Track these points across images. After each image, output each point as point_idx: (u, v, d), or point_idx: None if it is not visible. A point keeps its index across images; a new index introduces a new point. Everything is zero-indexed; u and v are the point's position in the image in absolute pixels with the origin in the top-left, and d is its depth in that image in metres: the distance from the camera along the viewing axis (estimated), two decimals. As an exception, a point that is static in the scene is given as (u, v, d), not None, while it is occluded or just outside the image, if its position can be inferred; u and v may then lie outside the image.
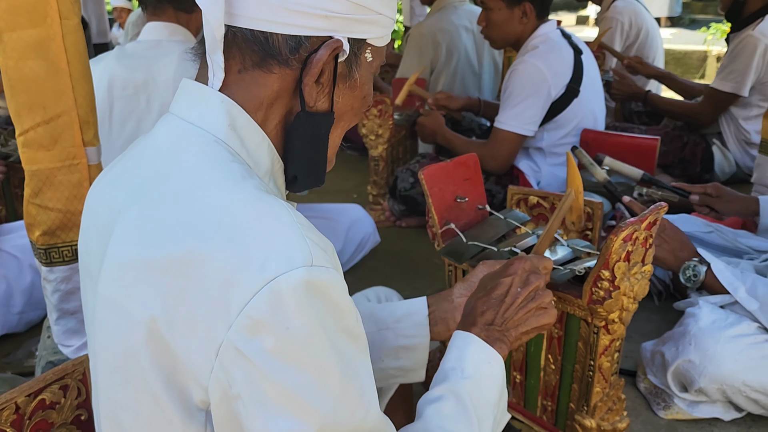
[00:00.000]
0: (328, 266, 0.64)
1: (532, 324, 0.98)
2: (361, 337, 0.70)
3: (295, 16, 0.70)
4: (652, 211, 1.16)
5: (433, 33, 3.07)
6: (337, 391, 0.64)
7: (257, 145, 0.75)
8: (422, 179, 1.41)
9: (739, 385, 1.37)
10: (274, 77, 0.73)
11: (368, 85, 0.81)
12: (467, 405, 0.86)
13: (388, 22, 0.80)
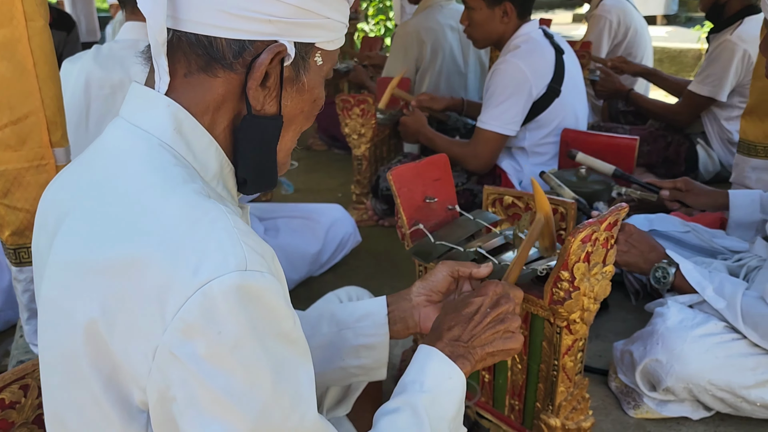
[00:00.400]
0: (263, 271, 0.65)
1: (499, 346, 0.98)
2: (299, 342, 0.71)
3: (238, 21, 0.71)
4: (611, 212, 1.16)
5: (417, 32, 3.08)
6: (268, 395, 0.65)
7: (204, 149, 0.76)
8: (390, 180, 1.42)
9: (705, 384, 1.38)
10: (219, 81, 0.74)
11: (318, 88, 0.81)
12: (422, 418, 0.87)
13: (338, 26, 0.80)
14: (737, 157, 2.13)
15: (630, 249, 1.63)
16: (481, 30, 2.37)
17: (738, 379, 1.37)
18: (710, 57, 2.63)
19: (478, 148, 2.37)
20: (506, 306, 0.99)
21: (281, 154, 0.83)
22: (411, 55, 3.10)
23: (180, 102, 0.74)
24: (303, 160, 3.49)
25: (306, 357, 0.72)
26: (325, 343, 1.19)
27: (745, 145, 2.09)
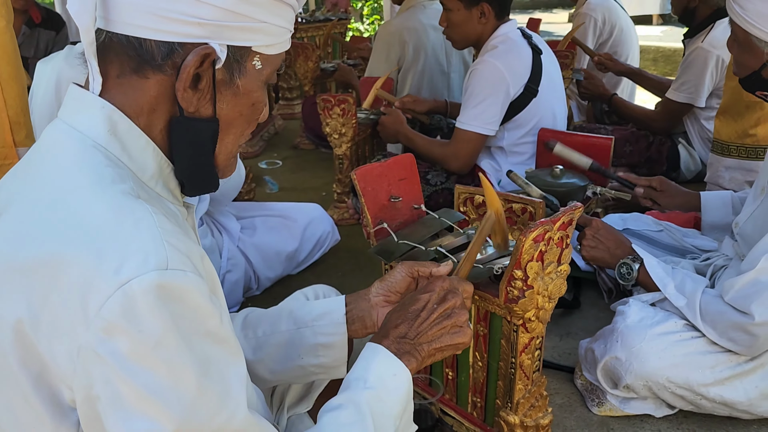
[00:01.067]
0: (186, 270, 0.66)
1: (446, 341, 0.99)
2: (228, 341, 0.72)
3: (167, 23, 0.72)
4: (566, 211, 1.18)
5: (400, 32, 3.09)
6: (194, 392, 0.66)
7: (141, 150, 0.77)
8: (354, 179, 1.43)
9: (664, 381, 1.40)
10: (151, 83, 0.75)
11: (257, 92, 0.82)
12: (365, 414, 0.88)
13: (278, 31, 0.80)
14: (711, 157, 2.14)
15: (597, 244, 1.64)
16: (459, 31, 2.38)
17: (696, 377, 1.39)
18: (685, 64, 2.64)
19: (458, 148, 2.38)
20: (453, 301, 1.00)
21: (221, 157, 0.84)
22: (393, 55, 3.11)
23: (114, 103, 0.75)
24: (289, 159, 3.50)
25: (237, 356, 0.74)
26: (283, 341, 1.20)
27: (719, 144, 2.10)
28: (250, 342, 1.21)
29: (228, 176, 0.90)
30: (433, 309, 0.99)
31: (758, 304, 1.30)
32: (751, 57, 1.40)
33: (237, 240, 1.99)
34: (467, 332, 1.00)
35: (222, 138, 0.82)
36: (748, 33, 1.37)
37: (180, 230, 0.71)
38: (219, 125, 0.80)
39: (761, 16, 1.32)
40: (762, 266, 1.31)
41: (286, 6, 0.81)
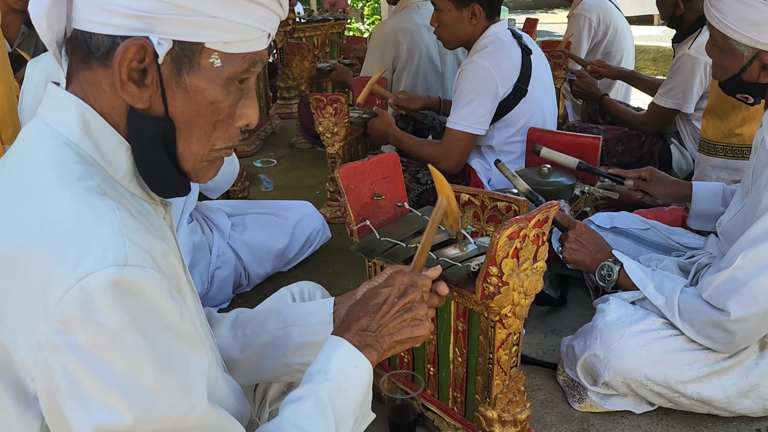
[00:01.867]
0: (145, 266, 0.68)
1: (406, 334, 1.01)
2: (189, 335, 0.74)
3: (108, 16, 0.72)
4: (541, 209, 1.20)
5: (394, 32, 3.10)
6: (151, 385, 0.68)
7: (114, 149, 0.78)
8: (338, 177, 1.45)
9: (642, 378, 1.41)
10: (101, 77, 0.75)
11: (215, 91, 0.78)
12: (325, 405, 0.90)
13: (237, 28, 0.77)
14: (698, 156, 2.15)
15: (579, 248, 1.66)
16: (450, 31, 2.40)
17: (674, 374, 1.40)
18: (673, 70, 2.64)
19: (449, 148, 2.40)
20: (413, 295, 1.02)
21: (187, 159, 0.81)
22: (387, 56, 3.12)
23: (86, 100, 0.77)
24: (285, 158, 3.52)
25: (198, 350, 0.75)
26: (271, 339, 1.23)
27: (706, 144, 2.11)
28: (239, 341, 1.23)
29: (205, 181, 0.89)
30: (393, 303, 1.01)
31: (734, 301, 1.31)
32: (730, 60, 1.41)
33: (227, 237, 2.02)
34: (426, 325, 1.02)
35: (183, 139, 0.80)
36: (727, 37, 1.38)
37: (144, 227, 0.73)
38: (175, 125, 0.78)
39: (740, 19, 1.33)
40: (738, 264, 1.32)
41: (249, 3, 0.78)
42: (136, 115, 0.77)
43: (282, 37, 4.04)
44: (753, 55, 1.36)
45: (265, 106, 3.92)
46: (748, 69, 1.39)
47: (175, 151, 0.81)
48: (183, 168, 0.83)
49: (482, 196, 1.77)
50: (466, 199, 1.79)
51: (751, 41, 1.34)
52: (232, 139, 0.85)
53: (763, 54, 1.35)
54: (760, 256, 1.29)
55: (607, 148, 3.01)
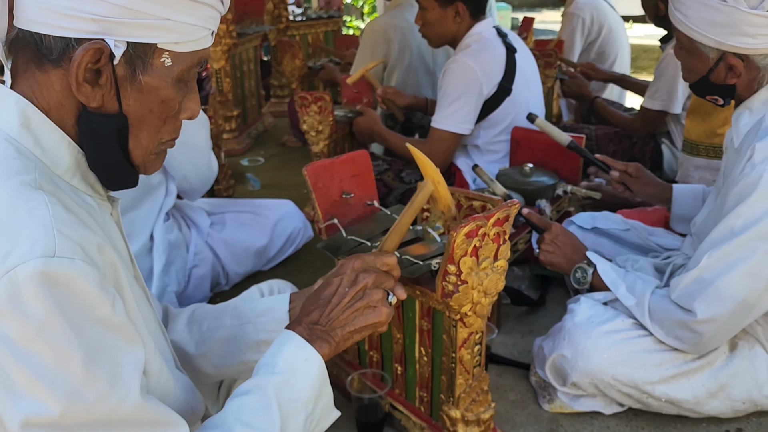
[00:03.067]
0: (75, 258, 0.68)
1: (360, 323, 0.99)
2: (121, 328, 0.74)
3: (63, 19, 0.74)
4: (501, 207, 1.19)
5: (385, 30, 3.10)
6: (79, 376, 0.68)
7: (55, 144, 0.79)
8: (305, 175, 1.45)
9: (609, 379, 1.40)
10: (52, 78, 0.77)
11: (166, 89, 0.82)
12: (271, 399, 0.89)
13: (187, 29, 0.81)
14: (681, 156, 2.14)
15: (555, 249, 1.65)
16: (434, 30, 2.39)
17: (642, 375, 1.39)
18: (658, 71, 2.62)
19: (433, 147, 2.39)
20: (364, 282, 0.99)
21: (137, 153, 0.85)
22: (378, 53, 3.12)
23: (29, 98, 0.78)
24: (275, 157, 3.52)
25: (132, 343, 0.76)
26: (227, 336, 1.22)
27: (689, 144, 2.09)
28: (194, 336, 1.23)
29: (151, 173, 0.91)
30: (344, 293, 0.99)
31: (700, 301, 1.30)
32: (697, 63, 1.40)
33: (206, 235, 2.01)
34: (382, 311, 0.99)
35: (135, 134, 0.83)
36: (692, 39, 1.36)
37: (78, 220, 0.73)
38: (128, 121, 0.81)
39: (703, 22, 1.31)
40: (704, 264, 1.31)
41: (197, 4, 0.81)
42: (89, 113, 0.80)
43: (275, 35, 4.05)
44: (718, 57, 1.35)
45: (257, 105, 3.92)
46: (714, 71, 1.38)
47: (127, 146, 0.84)
48: (134, 162, 0.86)
49: (458, 195, 1.76)
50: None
51: (715, 43, 1.32)
52: (176, 131, 0.90)
53: (728, 55, 1.33)
54: (724, 256, 1.28)
55: (598, 148, 2.99)
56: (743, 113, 1.42)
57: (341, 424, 1.51)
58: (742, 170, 1.32)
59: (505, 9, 8.51)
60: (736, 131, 1.44)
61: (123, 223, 1.79)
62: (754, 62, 1.34)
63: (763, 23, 1.27)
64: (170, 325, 1.25)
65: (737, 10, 1.27)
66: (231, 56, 3.43)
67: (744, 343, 1.44)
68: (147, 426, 0.76)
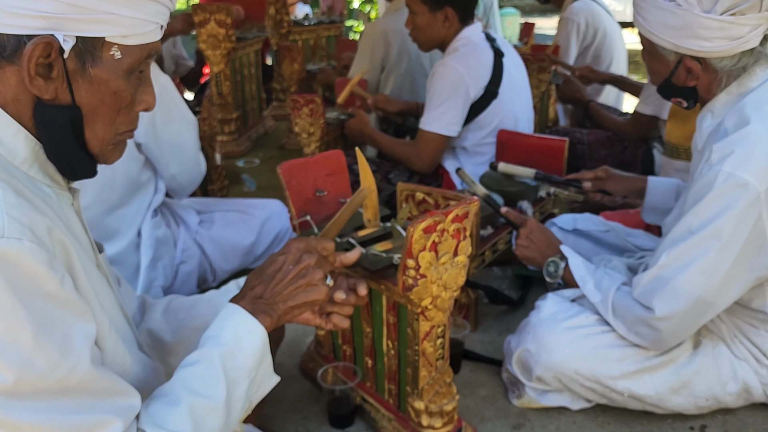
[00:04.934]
0: (22, 239, 0.74)
1: (301, 299, 1.05)
2: (70, 302, 0.79)
3: (13, 17, 0.78)
4: (459, 204, 1.23)
5: (385, 32, 3.15)
6: (30, 346, 0.74)
7: (12, 137, 0.84)
8: (279, 173, 1.50)
9: (571, 373, 1.43)
10: (8, 74, 0.82)
11: (117, 81, 0.86)
12: (217, 368, 0.94)
13: (134, 23, 0.85)
14: (663, 159, 2.16)
15: (529, 244, 1.69)
16: (424, 34, 2.44)
17: (603, 370, 1.42)
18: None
19: (421, 149, 2.44)
20: (308, 261, 1.05)
21: (94, 143, 0.90)
22: (377, 56, 3.17)
23: None
24: (273, 159, 3.58)
25: (81, 316, 0.81)
26: (201, 325, 1.26)
27: (669, 147, 2.12)
28: (171, 326, 1.28)
29: (111, 163, 0.96)
30: (288, 270, 1.04)
31: (658, 298, 1.33)
32: (659, 65, 1.43)
33: (194, 233, 2.07)
34: (321, 289, 1.05)
35: (90, 125, 0.88)
36: (652, 42, 1.39)
37: (30, 205, 0.78)
38: (82, 112, 0.86)
39: (661, 25, 1.34)
40: (662, 262, 1.34)
41: (144, 0, 0.85)
42: (43, 106, 0.84)
43: (277, 39, 4.12)
44: (677, 60, 1.38)
45: (258, 108, 3.99)
46: (675, 73, 1.41)
47: (83, 137, 0.89)
48: (91, 152, 0.91)
49: (435, 195, 1.81)
50: (421, 197, 1.83)
51: (672, 46, 1.35)
52: (133, 123, 0.95)
53: (686, 58, 1.36)
54: (681, 255, 1.31)
55: (590, 152, 3.01)
56: (706, 116, 1.45)
57: (313, 416, 1.57)
58: (701, 171, 1.35)
59: (513, 14, 8.54)
60: (700, 134, 1.47)
61: (112, 219, 1.87)
62: (711, 65, 1.36)
63: (716, 26, 1.29)
64: (147, 314, 1.30)
65: (691, 14, 1.29)
66: (231, 60, 3.50)
67: (707, 341, 1.47)
68: (100, 393, 0.81)
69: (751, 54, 1.35)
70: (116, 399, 0.84)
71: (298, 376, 1.71)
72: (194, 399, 0.90)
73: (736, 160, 1.26)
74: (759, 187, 1.24)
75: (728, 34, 1.30)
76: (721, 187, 1.25)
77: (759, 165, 1.25)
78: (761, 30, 1.33)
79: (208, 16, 3.33)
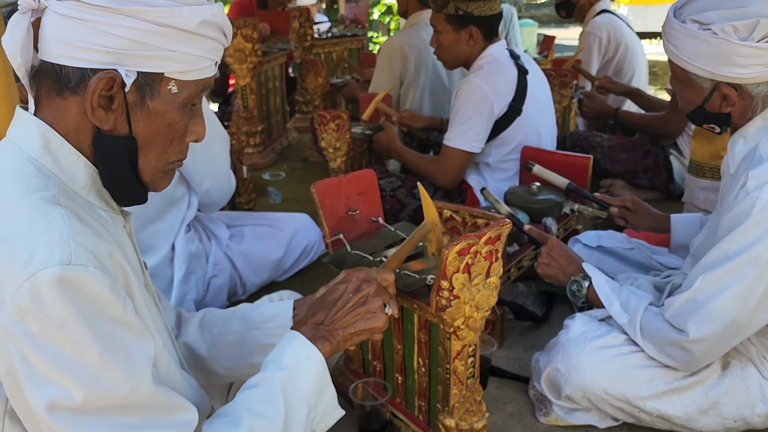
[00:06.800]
0: (88, 265, 0.78)
1: (360, 326, 1.10)
2: (132, 324, 0.84)
3: (79, 51, 0.84)
4: (492, 227, 1.26)
5: (401, 47, 3.19)
6: (96, 366, 0.78)
7: (73, 164, 0.90)
8: (314, 193, 1.54)
9: (601, 393, 1.45)
10: (70, 104, 0.87)
11: (172, 113, 0.92)
12: (276, 392, 0.98)
13: (192, 59, 0.90)
14: (688, 177, 2.17)
15: (551, 262, 1.71)
16: (448, 52, 2.48)
17: (633, 390, 1.44)
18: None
19: (445, 164, 2.48)
20: (367, 290, 1.10)
21: (146, 172, 0.95)
22: (395, 71, 3.21)
23: (48, 122, 0.88)
24: (297, 171, 3.63)
25: (142, 337, 0.85)
26: (236, 340, 1.32)
27: (694, 166, 2.13)
28: (206, 340, 1.33)
29: (160, 190, 1.01)
30: (348, 298, 1.10)
31: (693, 321, 1.34)
32: (692, 93, 1.44)
33: (225, 247, 2.12)
34: (381, 317, 1.10)
35: (144, 154, 0.93)
36: (686, 71, 1.41)
37: (92, 231, 0.83)
38: (137, 143, 0.91)
39: (695, 54, 1.36)
40: (698, 286, 1.35)
41: (202, 38, 0.90)
42: (102, 135, 0.90)
43: (301, 52, 4.18)
44: (712, 87, 1.40)
45: (282, 121, 4.05)
46: (709, 100, 1.42)
47: (136, 165, 0.94)
48: (143, 180, 0.96)
49: (463, 213, 1.83)
50: (448, 215, 1.86)
51: (708, 74, 1.37)
52: (183, 152, 1.00)
53: (722, 85, 1.38)
54: (718, 279, 1.32)
55: (610, 155, 3.02)
56: (738, 140, 1.46)
57: (343, 430, 1.59)
58: (736, 197, 1.36)
59: (531, 25, 8.56)
60: (732, 158, 1.48)
61: (147, 234, 1.92)
62: (747, 91, 1.38)
63: (753, 53, 1.31)
64: (183, 328, 1.35)
65: (728, 42, 1.31)
66: (257, 74, 3.56)
67: (736, 363, 1.48)
68: (161, 410, 0.86)
69: None
70: (176, 415, 0.89)
71: (328, 390, 1.74)
72: (254, 419, 0.94)
73: None
74: None
75: (765, 61, 1.32)
76: (760, 214, 1.27)
77: None
78: None
79: (235, 31, 3.39)
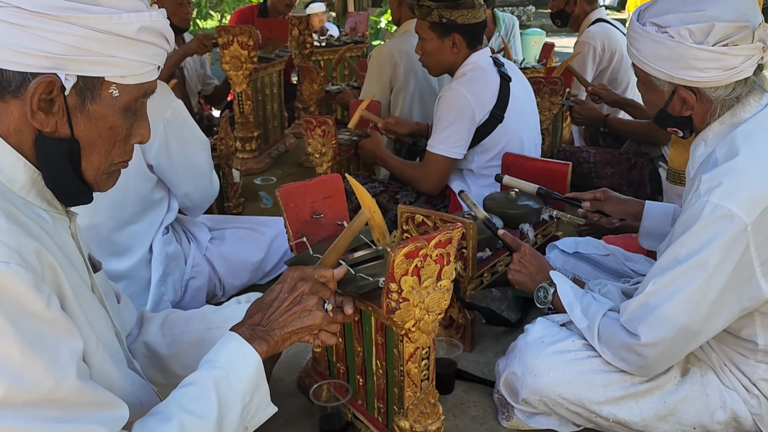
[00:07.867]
0: (9, 262, 0.81)
1: (297, 325, 1.12)
2: (57, 321, 0.86)
3: (19, 56, 0.86)
4: (443, 230, 1.27)
5: (391, 54, 3.22)
6: (17, 361, 0.81)
7: (12, 165, 0.93)
8: (278, 196, 1.57)
9: (556, 397, 1.45)
10: (12, 107, 0.90)
11: (114, 117, 0.94)
12: (210, 390, 1.01)
13: (133, 65, 0.93)
14: (665, 185, 2.17)
15: (522, 269, 1.72)
16: (432, 59, 2.51)
17: (588, 395, 1.44)
18: None
19: (428, 170, 2.50)
20: (302, 288, 1.13)
21: (90, 173, 0.98)
22: (385, 77, 3.24)
23: None
24: (291, 176, 3.67)
25: (68, 333, 0.87)
26: (195, 339, 1.35)
27: (672, 173, 2.13)
28: (166, 339, 1.36)
29: (105, 191, 1.04)
30: (284, 298, 1.12)
31: (644, 325, 1.35)
32: (654, 96, 1.45)
33: (204, 249, 2.15)
34: (316, 315, 1.13)
35: (87, 156, 0.96)
36: (647, 74, 1.42)
37: (20, 230, 0.86)
38: (80, 145, 0.94)
39: (655, 56, 1.37)
40: (650, 290, 1.36)
41: (142, 43, 0.93)
42: (44, 138, 0.92)
43: (300, 60, 4.23)
44: (672, 90, 1.40)
45: (279, 126, 4.09)
46: (670, 103, 1.43)
47: (80, 167, 0.97)
48: (87, 180, 0.99)
49: (434, 218, 1.86)
50: (420, 219, 1.89)
51: (666, 76, 1.38)
52: (128, 154, 1.03)
53: (680, 88, 1.39)
54: (668, 283, 1.33)
55: (596, 170, 3.03)
56: (699, 144, 1.47)
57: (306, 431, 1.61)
58: (689, 200, 1.37)
59: (539, 34, 8.56)
60: (692, 162, 1.49)
61: (124, 236, 1.96)
62: (705, 95, 1.39)
63: (709, 57, 1.32)
64: (144, 327, 1.38)
65: (684, 45, 1.32)
66: (253, 80, 3.61)
67: (696, 369, 1.48)
68: (87, 405, 0.88)
69: (745, 84, 1.37)
70: (103, 411, 0.91)
71: (296, 391, 1.76)
72: (186, 417, 0.97)
73: (723, 191, 1.27)
74: (746, 219, 1.25)
75: (721, 65, 1.33)
76: (708, 217, 1.27)
77: (746, 197, 1.26)
78: (754, 60, 1.35)
79: (231, 38, 3.45)
